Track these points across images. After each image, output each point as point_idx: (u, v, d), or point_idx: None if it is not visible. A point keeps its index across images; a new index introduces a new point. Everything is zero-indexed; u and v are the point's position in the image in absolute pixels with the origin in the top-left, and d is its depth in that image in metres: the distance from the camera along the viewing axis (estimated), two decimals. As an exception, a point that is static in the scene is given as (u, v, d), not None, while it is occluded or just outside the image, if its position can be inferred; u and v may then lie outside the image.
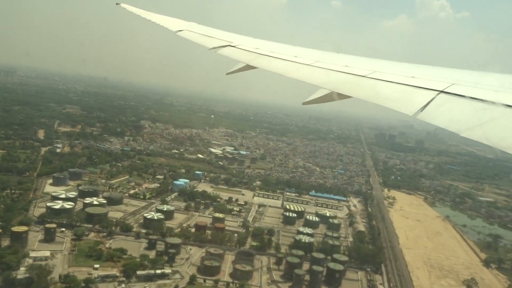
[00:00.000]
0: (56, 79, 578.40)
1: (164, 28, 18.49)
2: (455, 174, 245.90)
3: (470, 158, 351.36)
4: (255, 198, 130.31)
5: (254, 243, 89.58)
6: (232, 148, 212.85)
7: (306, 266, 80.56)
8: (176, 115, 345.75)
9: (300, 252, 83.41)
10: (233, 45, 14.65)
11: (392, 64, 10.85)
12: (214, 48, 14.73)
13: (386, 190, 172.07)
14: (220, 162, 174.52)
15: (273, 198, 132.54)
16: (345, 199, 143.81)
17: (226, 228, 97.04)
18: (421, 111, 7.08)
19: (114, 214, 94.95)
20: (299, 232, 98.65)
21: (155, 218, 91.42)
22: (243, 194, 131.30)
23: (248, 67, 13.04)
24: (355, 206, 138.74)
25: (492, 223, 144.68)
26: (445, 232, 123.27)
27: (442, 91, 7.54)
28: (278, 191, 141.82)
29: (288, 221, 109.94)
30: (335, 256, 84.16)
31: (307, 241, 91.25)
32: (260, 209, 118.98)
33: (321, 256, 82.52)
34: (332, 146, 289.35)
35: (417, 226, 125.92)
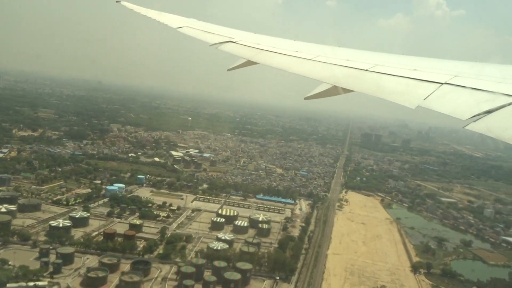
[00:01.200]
0: (46, 83, 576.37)
1: (164, 25, 18.52)
2: (429, 174, 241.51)
3: (454, 157, 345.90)
4: (194, 202, 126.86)
5: (161, 251, 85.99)
6: (196, 151, 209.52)
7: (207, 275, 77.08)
8: (155, 118, 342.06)
9: (201, 261, 79.84)
10: (234, 41, 14.53)
11: (394, 57, 10.86)
12: (215, 44, 14.60)
13: (344, 191, 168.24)
14: (175, 165, 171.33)
15: (213, 202, 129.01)
16: (293, 202, 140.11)
17: (143, 235, 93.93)
18: (424, 101, 7.10)
19: (25, 221, 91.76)
20: (217, 239, 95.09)
21: (61, 226, 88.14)
22: (182, 199, 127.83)
23: (249, 63, 12.92)
24: (301, 209, 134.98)
25: (445, 225, 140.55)
26: (387, 236, 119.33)
27: (445, 83, 7.50)
28: (223, 194, 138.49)
29: (216, 226, 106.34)
30: (239, 264, 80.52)
31: (219, 248, 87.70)
32: (193, 214, 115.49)
33: (223, 264, 78.99)
34: (309, 147, 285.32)
35: (359, 229, 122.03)
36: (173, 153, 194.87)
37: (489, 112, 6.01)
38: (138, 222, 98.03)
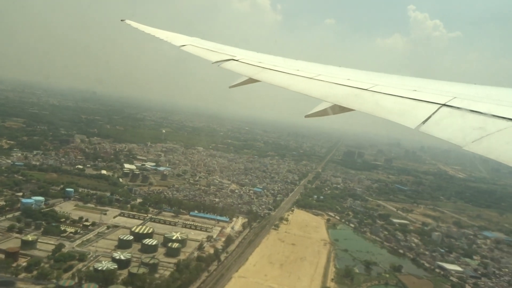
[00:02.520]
0: (37, 93, 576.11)
1: (168, 43, 18.96)
2: (396, 194, 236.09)
3: (434, 178, 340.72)
4: (116, 218, 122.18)
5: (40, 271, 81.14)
6: (153, 164, 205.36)
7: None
8: (131, 130, 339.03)
9: (69, 282, 75.07)
10: (236, 59, 14.83)
11: (393, 78, 11.10)
12: (217, 62, 14.92)
13: (292, 210, 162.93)
14: (120, 179, 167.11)
15: (138, 219, 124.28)
16: (227, 219, 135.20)
17: (35, 252, 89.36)
18: (423, 124, 7.18)
19: None
20: (112, 258, 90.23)
21: None
22: (105, 214, 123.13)
23: (251, 81, 13.14)
24: (232, 228, 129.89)
25: (385, 247, 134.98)
26: (312, 258, 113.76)
27: (444, 105, 7.66)
28: (154, 211, 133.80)
29: (123, 245, 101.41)
30: (112, 287, 75.68)
31: (105, 268, 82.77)
32: (106, 231, 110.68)
33: (92, 287, 74.16)
34: (280, 163, 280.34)
35: (285, 251, 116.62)
36: (126, 165, 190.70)
37: (488, 134, 6.05)
38: (31, 238, 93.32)
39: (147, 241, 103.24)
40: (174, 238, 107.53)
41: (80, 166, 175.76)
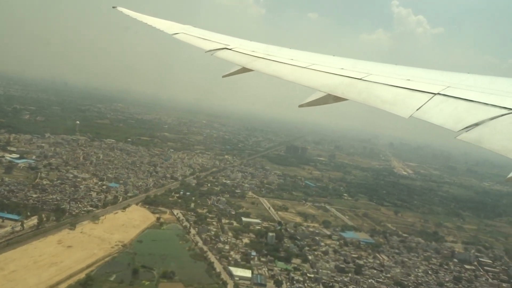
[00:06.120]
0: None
1: (160, 31, 18.82)
2: (296, 190, 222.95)
3: (369, 174, 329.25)
4: None
5: None
6: (17, 156, 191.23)
7: None
8: (50, 120, 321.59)
9: None
10: (230, 48, 14.90)
11: (387, 67, 11.07)
12: (210, 50, 14.94)
13: (127, 207, 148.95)
14: None
15: None
16: (17, 218, 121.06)
17: None
18: (417, 111, 7.11)
19: None
20: None
21: None
22: None
23: (245, 70, 13.15)
24: (13, 227, 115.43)
25: (194, 249, 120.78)
26: (70, 263, 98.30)
27: (437, 94, 7.50)
28: None
29: None
30: None
31: None
32: None
33: None
34: (190, 157, 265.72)
35: (44, 254, 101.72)
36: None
37: (481, 123, 5.93)
38: None
39: None
40: None
41: None
